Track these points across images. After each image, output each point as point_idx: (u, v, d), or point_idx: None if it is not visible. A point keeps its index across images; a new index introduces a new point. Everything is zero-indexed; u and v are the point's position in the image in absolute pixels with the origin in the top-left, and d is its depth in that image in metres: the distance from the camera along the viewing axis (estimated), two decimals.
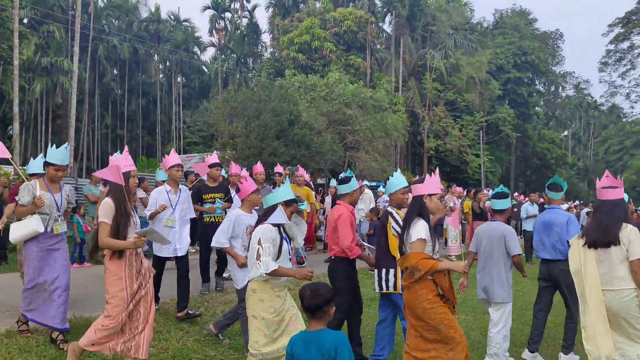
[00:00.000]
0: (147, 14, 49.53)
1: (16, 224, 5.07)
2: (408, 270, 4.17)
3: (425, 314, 4.11)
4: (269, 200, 4.47)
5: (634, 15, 43.00)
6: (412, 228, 4.26)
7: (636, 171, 43.82)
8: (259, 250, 4.17)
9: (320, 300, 2.98)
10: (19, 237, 5.04)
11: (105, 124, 46.30)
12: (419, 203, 4.40)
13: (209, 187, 7.92)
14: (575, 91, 71.16)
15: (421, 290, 4.13)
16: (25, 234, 5.00)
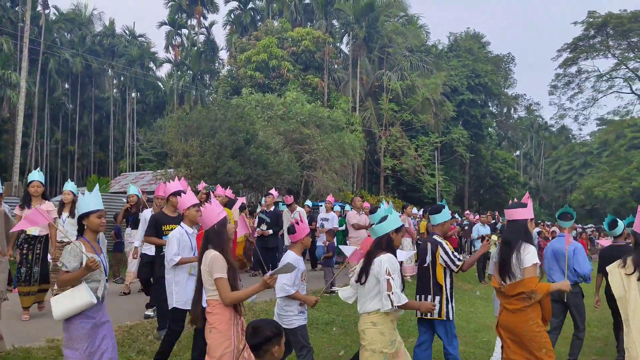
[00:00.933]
0: (101, 28, 48.64)
1: (61, 297, 4.05)
2: (522, 294, 4.27)
3: (533, 337, 4.24)
4: (380, 230, 4.39)
5: (581, 41, 44.71)
6: (524, 253, 4.33)
7: (585, 191, 45.17)
8: (389, 281, 4.13)
9: (261, 339, 2.91)
10: (67, 312, 4.01)
11: (55, 139, 44.90)
12: (524, 227, 4.50)
13: (169, 217, 6.61)
14: (526, 113, 73.35)
15: (532, 314, 4.28)
16: (76, 308, 4.03)
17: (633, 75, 45.70)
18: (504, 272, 4.41)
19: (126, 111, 47.83)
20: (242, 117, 19.66)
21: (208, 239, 4.02)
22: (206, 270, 3.94)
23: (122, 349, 5.93)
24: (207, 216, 4.04)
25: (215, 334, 3.83)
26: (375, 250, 4.32)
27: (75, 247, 4.05)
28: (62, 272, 4.04)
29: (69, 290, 4.03)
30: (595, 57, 45.86)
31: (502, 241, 4.57)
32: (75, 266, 4.02)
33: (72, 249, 4.05)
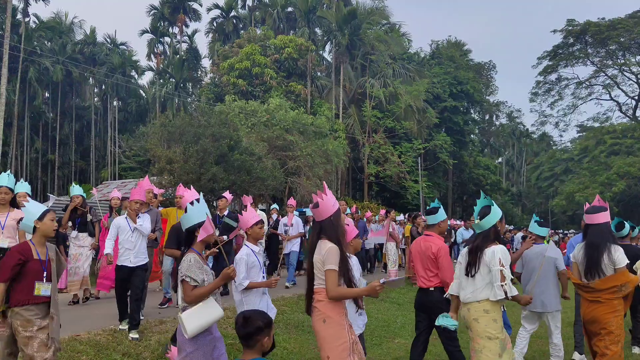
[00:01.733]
0: (82, 36, 48.26)
1: (193, 312, 3.84)
2: (614, 288, 4.98)
3: (617, 323, 5.03)
4: (487, 223, 4.54)
5: (561, 49, 45.35)
6: (615, 255, 5.02)
7: (566, 196, 45.63)
8: (502, 272, 4.28)
9: (252, 329, 2.89)
10: (200, 328, 3.83)
11: (35, 148, 44.34)
12: (608, 230, 5.24)
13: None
14: (508, 120, 74.15)
15: (619, 305, 5.04)
16: (207, 323, 3.86)
17: (612, 82, 46.46)
18: (593, 271, 5.09)
19: (108, 120, 47.44)
20: (226, 124, 19.57)
21: (322, 229, 4.03)
22: (320, 260, 3.92)
23: (107, 352, 5.85)
24: (323, 208, 4.06)
25: (331, 324, 3.82)
26: (485, 242, 4.48)
27: (198, 260, 3.95)
28: (190, 287, 3.85)
29: (199, 304, 3.87)
30: (575, 65, 46.58)
31: (587, 244, 5.20)
32: (202, 279, 3.90)
33: (196, 260, 3.93)
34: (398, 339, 8.27)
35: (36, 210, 4.34)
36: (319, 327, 3.87)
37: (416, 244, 5.64)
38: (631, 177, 41.64)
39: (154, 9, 49.17)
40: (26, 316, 4.22)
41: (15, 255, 4.24)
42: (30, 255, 4.27)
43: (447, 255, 5.40)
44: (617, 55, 44.89)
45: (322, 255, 3.91)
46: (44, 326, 4.27)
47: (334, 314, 3.85)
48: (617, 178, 42.11)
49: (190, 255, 3.96)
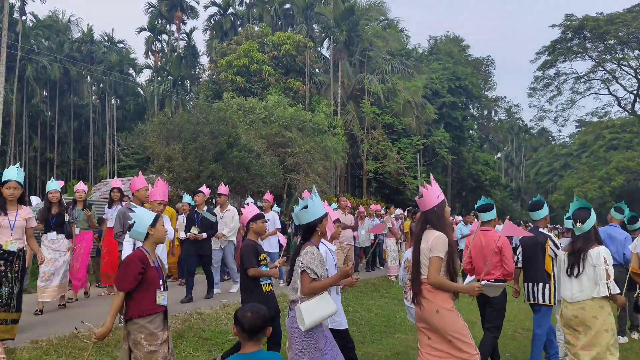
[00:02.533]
0: (79, 34, 48.09)
1: (311, 305, 3.90)
2: None
3: None
4: (587, 225, 4.84)
5: (559, 44, 45.27)
6: None
7: (565, 191, 45.71)
8: (607, 270, 4.65)
9: (262, 322, 2.94)
10: (316, 321, 3.89)
11: (33, 147, 44.27)
12: None
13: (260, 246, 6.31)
14: (506, 115, 74.13)
15: None
16: (323, 317, 3.94)
17: (610, 76, 46.40)
18: None
19: (106, 118, 47.37)
20: (224, 121, 19.57)
21: (427, 219, 4.21)
22: (427, 249, 4.08)
23: (108, 349, 5.85)
24: (427, 198, 4.24)
25: (446, 313, 3.99)
26: (587, 244, 4.80)
27: (320, 254, 4.01)
28: (309, 279, 3.90)
29: (316, 297, 3.92)
30: (573, 60, 46.47)
31: None
32: (321, 273, 3.94)
33: (318, 254, 3.98)
34: (398, 334, 8.28)
35: (147, 217, 4.16)
36: (433, 318, 4.02)
37: (477, 239, 5.91)
38: (630, 171, 41.72)
39: (152, 7, 49.07)
40: (151, 329, 4.00)
41: (137, 263, 3.98)
42: (147, 262, 4.04)
43: (510, 247, 5.82)
44: (615, 49, 44.83)
45: (429, 243, 4.09)
46: (166, 339, 4.11)
47: (446, 303, 4.03)
48: (616, 173, 42.18)
49: (312, 248, 4.00)
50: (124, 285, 3.95)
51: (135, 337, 3.98)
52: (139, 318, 3.97)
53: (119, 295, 3.96)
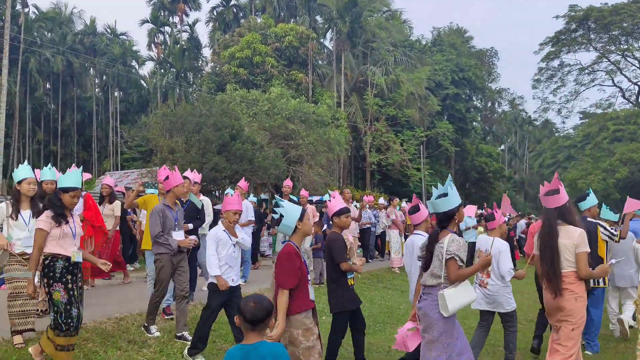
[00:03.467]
0: (82, 26, 48.08)
1: (454, 292, 4.09)
2: None
3: None
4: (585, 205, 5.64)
5: (563, 35, 45.06)
6: None
7: (569, 183, 45.55)
8: None
9: (265, 313, 2.91)
10: (458, 308, 4.13)
11: (37, 140, 44.38)
12: None
13: None
14: (510, 107, 73.82)
15: None
16: (464, 304, 4.17)
17: (615, 67, 46.20)
18: None
19: (109, 110, 47.39)
20: (227, 113, 19.56)
21: (561, 214, 4.50)
22: (571, 245, 4.39)
23: (113, 340, 5.89)
24: (562, 194, 4.58)
25: (581, 300, 4.41)
26: None
27: (465, 242, 4.20)
28: (457, 266, 4.08)
29: (460, 285, 4.10)
30: (577, 51, 46.33)
31: None
32: (463, 260, 4.13)
33: (464, 242, 4.16)
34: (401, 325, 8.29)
35: (295, 211, 4.14)
36: (571, 304, 4.40)
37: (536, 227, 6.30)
38: (634, 163, 41.52)
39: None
40: (307, 324, 3.99)
41: (295, 259, 3.96)
42: (300, 256, 4.05)
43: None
44: (620, 40, 44.62)
45: (574, 239, 4.40)
46: (318, 334, 4.09)
47: (583, 292, 4.48)
48: (620, 164, 42.00)
49: (455, 236, 4.17)
50: (290, 282, 3.91)
51: (292, 334, 3.94)
52: (297, 314, 3.95)
53: (285, 294, 3.89)
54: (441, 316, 4.08)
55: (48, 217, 4.80)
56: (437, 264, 4.17)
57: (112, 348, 5.75)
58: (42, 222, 4.78)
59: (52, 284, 4.75)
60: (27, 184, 5.58)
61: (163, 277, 6.20)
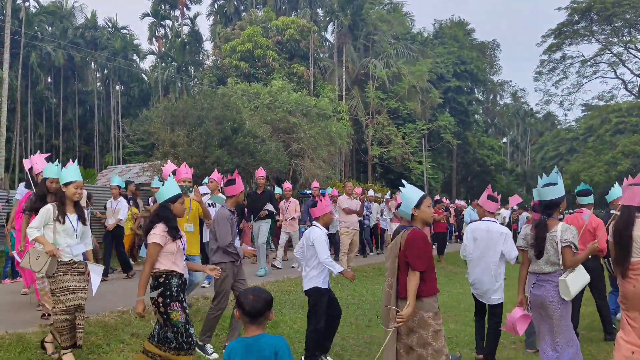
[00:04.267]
0: (82, 20, 47.93)
1: (575, 276, 4.54)
2: None
3: None
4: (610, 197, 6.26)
5: (565, 27, 44.86)
6: None
7: (571, 176, 45.49)
8: None
9: (264, 305, 2.89)
10: (577, 292, 4.61)
11: (39, 134, 44.38)
12: None
13: None
14: (512, 99, 73.68)
15: None
16: (580, 288, 4.65)
17: (617, 59, 46.02)
18: None
19: (110, 104, 47.35)
20: (229, 106, 19.53)
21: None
22: None
23: (116, 332, 5.92)
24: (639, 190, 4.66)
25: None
26: None
27: (575, 229, 4.56)
28: (572, 252, 4.49)
29: (577, 269, 4.52)
30: (580, 43, 46.12)
31: None
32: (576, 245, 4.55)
33: (574, 230, 4.53)
34: None
35: (413, 198, 4.26)
36: (632, 292, 4.47)
37: (572, 221, 6.71)
38: (636, 155, 41.45)
39: None
40: (436, 308, 4.13)
41: (428, 243, 4.16)
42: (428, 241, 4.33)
43: (603, 226, 6.42)
44: (622, 32, 44.42)
45: None
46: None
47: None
48: (622, 157, 41.94)
49: (566, 225, 4.57)
50: (422, 265, 4.07)
51: (422, 317, 4.06)
52: (428, 297, 4.08)
53: (416, 276, 4.04)
54: (561, 300, 4.49)
55: (164, 231, 4.58)
56: (553, 252, 4.56)
57: (116, 341, 5.78)
58: (158, 236, 4.56)
59: (170, 303, 4.55)
60: (74, 188, 5.22)
61: (225, 288, 5.88)
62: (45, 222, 5.07)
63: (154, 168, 18.40)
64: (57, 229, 5.09)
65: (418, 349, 4.08)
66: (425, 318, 4.06)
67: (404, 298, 4.09)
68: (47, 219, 5.09)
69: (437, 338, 4.04)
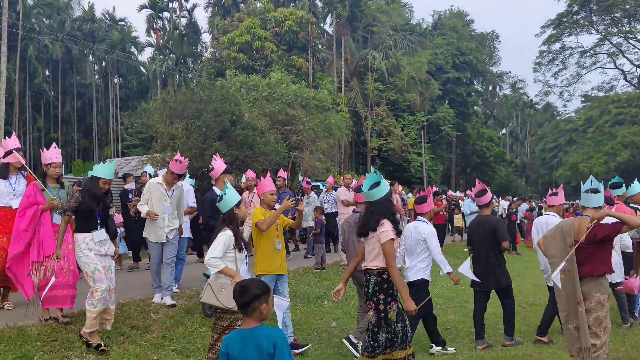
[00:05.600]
0: (80, 12, 47.77)
1: None
2: None
3: None
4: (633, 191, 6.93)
5: (565, 17, 44.74)
6: None
7: (570, 167, 45.54)
8: None
9: (249, 297, 2.91)
10: None
11: (37, 127, 44.30)
12: None
13: None
14: (511, 90, 73.50)
15: None
16: None
17: (617, 50, 45.94)
18: None
19: (109, 97, 47.25)
20: (227, 99, 19.46)
21: None
22: None
23: (116, 325, 5.93)
24: None
25: None
26: None
27: None
28: None
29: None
30: (579, 33, 46.05)
31: None
32: None
33: None
34: None
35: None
36: None
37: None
38: (636, 146, 41.49)
39: None
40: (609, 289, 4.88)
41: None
42: None
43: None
44: (622, 22, 44.30)
45: None
46: None
47: None
48: (621, 148, 41.97)
49: None
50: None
51: (599, 298, 4.61)
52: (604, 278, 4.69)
53: None
54: None
55: (393, 228, 4.57)
56: None
57: (116, 334, 5.80)
58: (392, 232, 4.54)
59: (390, 302, 4.57)
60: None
61: None
62: (225, 250, 4.64)
63: (153, 161, 18.38)
64: (237, 258, 4.74)
65: (594, 328, 4.63)
66: (601, 300, 4.63)
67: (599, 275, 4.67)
68: (228, 247, 4.66)
69: (606, 316, 4.64)
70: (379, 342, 4.52)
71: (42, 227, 5.85)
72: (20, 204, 5.92)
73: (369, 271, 4.62)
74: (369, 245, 4.63)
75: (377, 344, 4.53)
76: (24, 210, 5.84)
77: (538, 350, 6.14)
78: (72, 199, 5.57)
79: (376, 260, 4.56)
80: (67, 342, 5.46)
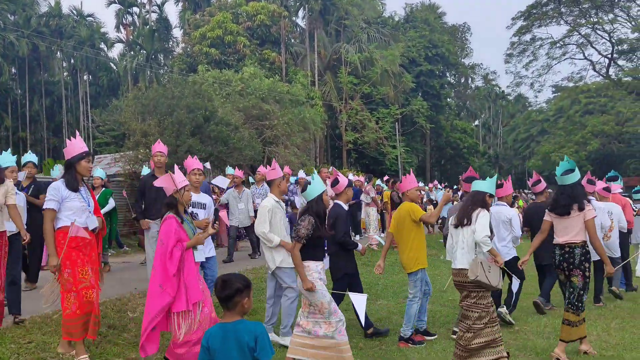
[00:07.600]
0: (46, 8, 46.72)
1: None
2: None
3: None
4: None
5: (534, 9, 45.26)
6: None
7: (542, 157, 46.25)
8: None
9: (230, 291, 2.94)
10: None
11: (5, 127, 43.29)
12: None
13: None
14: (483, 82, 74.18)
15: None
16: None
17: (585, 41, 46.63)
18: None
19: (79, 94, 46.39)
20: (200, 94, 19.25)
21: None
22: None
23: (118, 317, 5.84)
24: None
25: None
26: None
27: None
28: None
29: None
30: (549, 25, 46.55)
31: None
32: None
33: None
34: (380, 301, 8.47)
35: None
36: None
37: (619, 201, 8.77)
38: (605, 135, 42.30)
39: None
40: None
41: None
42: None
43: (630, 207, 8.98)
44: (590, 13, 44.97)
45: None
46: None
47: None
48: (591, 137, 42.75)
49: None
50: None
51: None
52: None
53: None
54: None
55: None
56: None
57: (117, 329, 5.75)
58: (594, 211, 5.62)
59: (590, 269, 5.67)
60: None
61: None
62: None
63: (126, 159, 18.10)
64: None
65: None
66: None
67: None
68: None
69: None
70: (584, 302, 5.40)
71: (186, 268, 4.83)
72: (166, 243, 4.74)
73: (573, 244, 5.39)
74: (569, 222, 5.41)
75: (581, 305, 5.37)
76: (172, 251, 4.72)
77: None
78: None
79: (580, 235, 5.40)
80: (42, 344, 5.32)
